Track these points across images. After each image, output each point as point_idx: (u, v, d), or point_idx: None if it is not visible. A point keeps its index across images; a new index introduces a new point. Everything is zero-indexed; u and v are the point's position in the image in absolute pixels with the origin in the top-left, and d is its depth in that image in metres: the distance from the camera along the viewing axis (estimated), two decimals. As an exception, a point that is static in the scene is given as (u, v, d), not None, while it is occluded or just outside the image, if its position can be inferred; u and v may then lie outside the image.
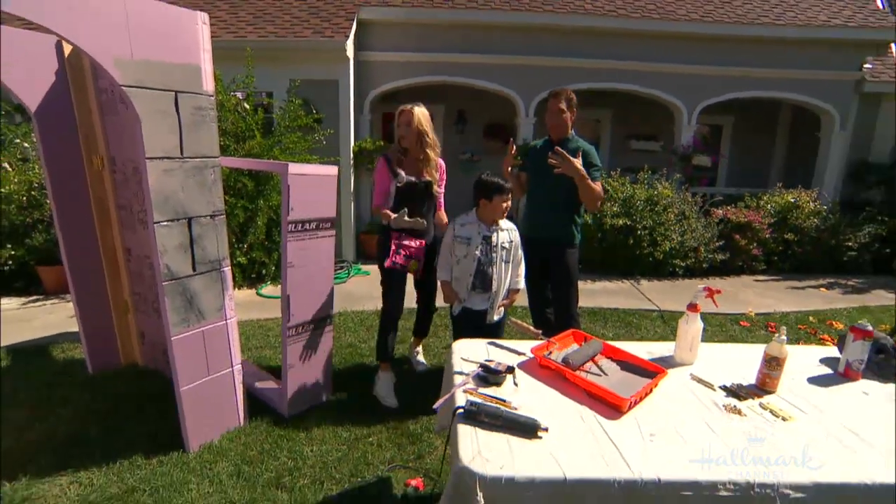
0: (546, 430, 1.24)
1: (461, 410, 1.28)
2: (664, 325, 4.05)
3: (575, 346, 1.75)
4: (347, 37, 5.32)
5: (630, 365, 1.66)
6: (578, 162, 2.45)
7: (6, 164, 4.55)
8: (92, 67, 2.59)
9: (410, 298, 2.87)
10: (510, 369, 1.51)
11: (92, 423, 2.38)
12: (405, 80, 6.18)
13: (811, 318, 4.29)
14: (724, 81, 6.45)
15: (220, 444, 2.23)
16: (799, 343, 3.39)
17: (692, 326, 1.73)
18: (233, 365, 2.30)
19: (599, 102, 7.55)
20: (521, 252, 2.47)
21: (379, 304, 4.05)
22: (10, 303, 4.25)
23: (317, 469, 2.08)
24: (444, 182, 2.74)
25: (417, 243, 2.55)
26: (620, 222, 5.30)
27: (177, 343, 2.05)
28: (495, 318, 2.43)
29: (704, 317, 4.07)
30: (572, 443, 1.22)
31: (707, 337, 1.63)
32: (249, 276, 4.74)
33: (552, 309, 2.83)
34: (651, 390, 1.50)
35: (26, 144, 4.80)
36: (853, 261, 5.89)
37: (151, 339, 2.98)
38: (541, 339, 1.76)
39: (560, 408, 1.40)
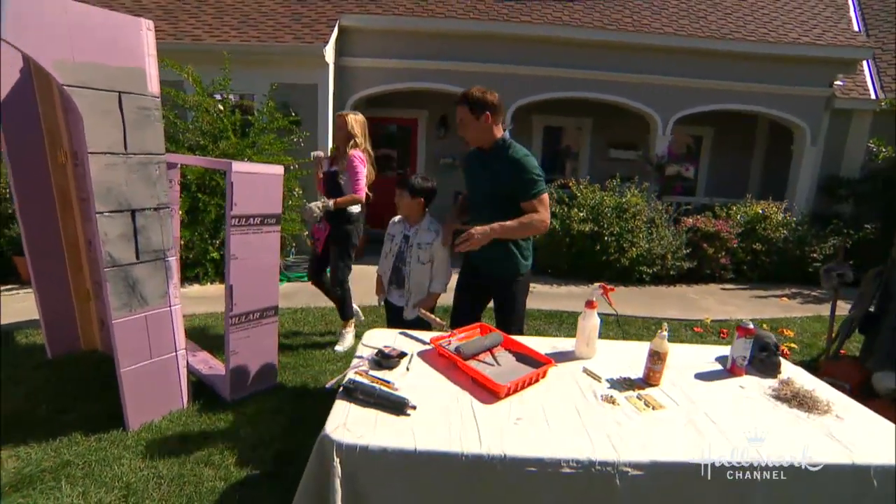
0: (414, 407, 1.36)
1: (341, 388, 1.41)
2: (618, 328, 4.16)
3: (477, 338, 1.87)
4: (327, 43, 5.48)
5: (524, 356, 1.77)
6: (484, 234, 2.03)
7: None
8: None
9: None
10: (402, 354, 1.63)
11: (41, 402, 2.50)
12: (386, 86, 6.35)
13: (764, 326, 4.40)
14: (699, 94, 6.60)
15: (160, 424, 2.34)
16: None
17: (589, 322, 1.85)
18: (176, 349, 2.42)
19: (581, 111, 7.72)
20: (444, 255, 2.43)
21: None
22: (-15, 291, 4.39)
23: (247, 450, 2.20)
24: (360, 173, 3.09)
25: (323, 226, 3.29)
26: (587, 228, 5.43)
27: (118, 326, 2.18)
28: (409, 315, 2.43)
29: (659, 322, 4.21)
30: (437, 421, 1.34)
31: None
32: (221, 271, 4.87)
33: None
34: (535, 379, 1.62)
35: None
36: (818, 272, 6.00)
37: (109, 325, 3.10)
38: (445, 330, 1.88)
39: (441, 391, 1.52)
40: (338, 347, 3.37)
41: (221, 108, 4.78)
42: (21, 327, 3.50)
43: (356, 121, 3.12)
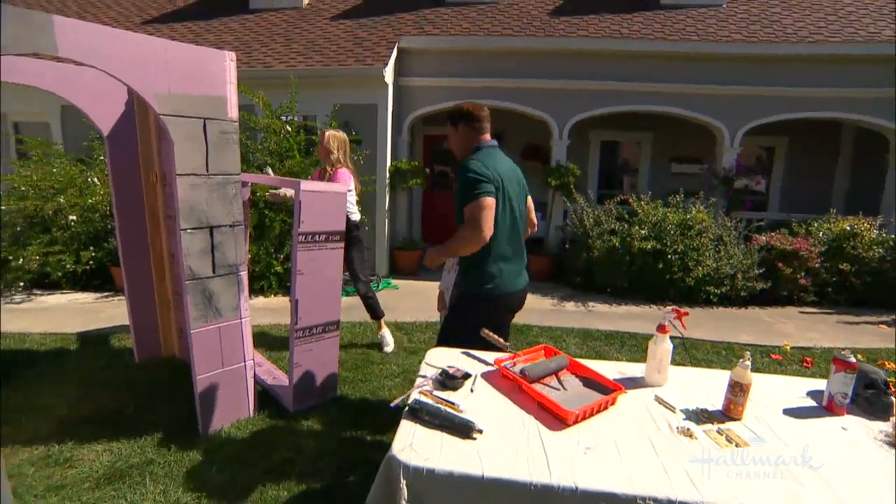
0: (481, 431, 1.33)
1: (406, 408, 1.41)
2: (685, 352, 3.92)
3: (541, 360, 1.81)
4: (386, 64, 5.68)
5: (591, 382, 1.70)
6: (434, 251, 2.05)
7: (95, 179, 5.24)
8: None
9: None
10: (467, 375, 1.61)
11: (130, 403, 2.71)
12: (443, 104, 6.46)
13: (859, 357, 3.96)
14: (771, 102, 6.19)
15: (229, 430, 2.46)
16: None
17: (660, 347, 1.74)
18: (245, 360, 2.55)
19: (640, 125, 7.47)
20: None
21: (398, 317, 4.28)
22: (87, 297, 4.87)
23: (309, 462, 2.25)
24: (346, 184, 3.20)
25: None
26: (649, 246, 5.19)
27: (196, 336, 2.32)
28: None
29: (730, 347, 3.93)
30: (503, 446, 1.31)
31: (732, 368, 1.60)
32: (285, 284, 5.10)
33: None
34: (604, 406, 1.54)
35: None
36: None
37: (187, 335, 3.32)
38: (508, 351, 1.84)
39: (507, 415, 1.48)
40: (386, 349, 3.64)
41: (289, 129, 5.07)
42: (115, 332, 3.83)
43: (332, 137, 3.35)
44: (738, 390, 1.54)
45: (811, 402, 1.69)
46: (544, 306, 5.16)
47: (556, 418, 1.46)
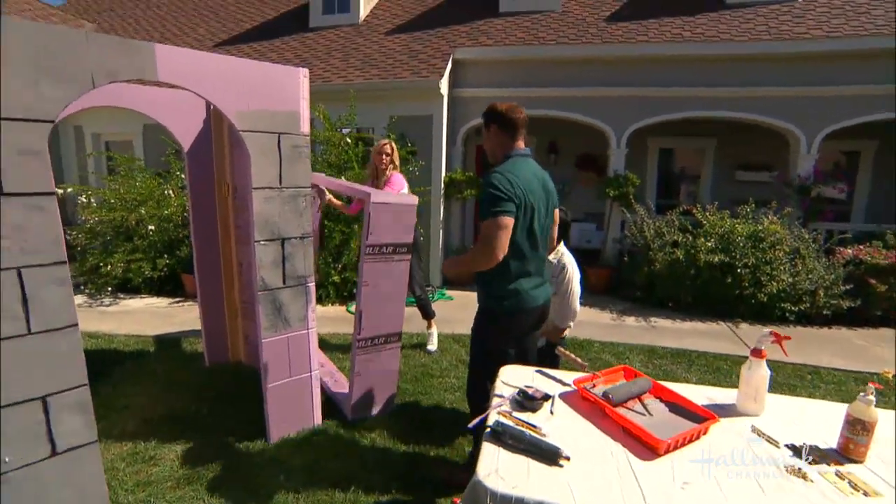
0: (568, 458, 1.26)
1: (488, 430, 1.36)
2: (764, 375, 3.62)
3: (622, 382, 1.71)
4: (442, 76, 5.74)
5: (679, 408, 1.58)
6: (451, 262, 2.04)
7: (170, 191, 5.62)
8: (226, 114, 3.18)
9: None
10: (547, 397, 1.54)
11: (203, 405, 2.83)
12: (496, 114, 6.43)
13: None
14: (856, 102, 5.68)
15: (295, 438, 2.51)
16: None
17: (756, 373, 1.60)
18: (311, 370, 2.59)
19: (702, 131, 7.10)
20: (575, 288, 2.46)
21: (455, 329, 4.24)
22: (161, 301, 5.20)
23: (375, 474, 2.24)
24: (402, 188, 3.46)
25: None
26: (717, 259, 4.88)
27: (266, 345, 2.39)
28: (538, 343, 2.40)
29: (816, 371, 3.60)
30: (593, 476, 1.23)
31: (819, 395, 1.46)
32: (342, 293, 5.21)
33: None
34: (697, 436, 1.43)
35: (184, 175, 5.87)
36: None
37: (253, 341, 3.44)
38: (587, 371, 1.75)
39: (591, 441, 1.39)
40: (430, 347, 3.80)
41: (348, 140, 5.21)
42: (187, 336, 4.05)
43: (392, 144, 3.59)
44: (859, 428, 1.36)
45: (942, 443, 1.48)
46: (603, 320, 4.96)
47: (644, 446, 1.37)
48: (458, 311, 4.92)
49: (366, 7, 8.24)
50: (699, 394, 1.72)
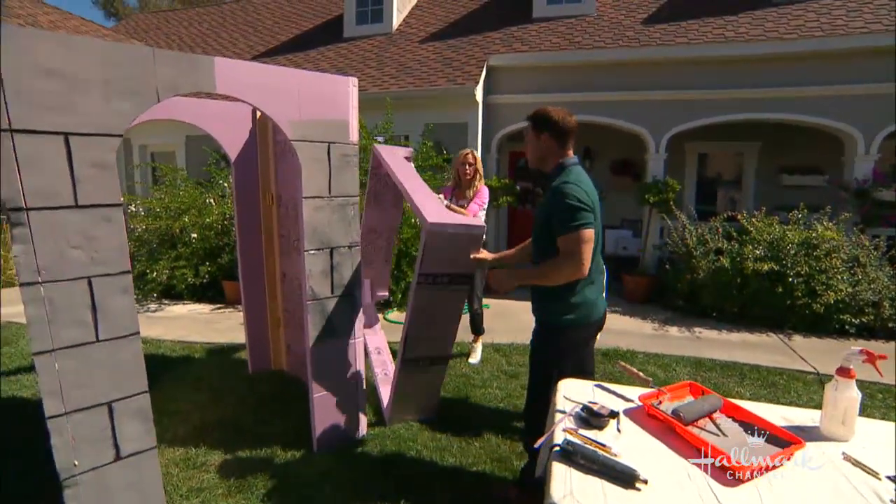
0: (646, 482, 1.19)
1: (558, 448, 1.30)
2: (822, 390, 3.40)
3: (689, 399, 1.63)
4: (477, 83, 5.74)
5: (756, 429, 1.48)
6: (510, 276, 1.93)
7: (211, 200, 5.79)
8: (272, 122, 3.24)
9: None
10: (614, 414, 1.47)
11: (247, 413, 2.87)
12: (530, 120, 6.38)
13: None
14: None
15: (340, 449, 2.49)
16: None
17: (844, 395, 1.48)
18: (358, 379, 2.58)
19: (744, 135, 6.85)
20: None
21: (495, 339, 4.18)
22: (203, 308, 5.34)
23: (423, 488, 2.20)
24: (486, 202, 3.59)
25: None
26: (766, 267, 4.66)
27: (314, 355, 2.39)
28: None
29: (889, 389, 3.36)
30: (673, 501, 1.16)
31: (890, 414, 1.35)
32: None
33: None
34: (781, 462, 1.33)
35: (226, 185, 6.05)
36: None
37: (295, 351, 3.47)
38: (650, 386, 1.67)
39: (666, 462, 1.32)
40: (472, 360, 3.77)
41: (385, 150, 5.25)
42: (229, 343, 4.13)
43: (477, 156, 3.61)
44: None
45: None
46: (645, 330, 4.80)
47: (724, 470, 1.28)
48: (496, 320, 4.85)
49: (398, 17, 8.35)
50: (773, 413, 1.61)
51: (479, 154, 3.61)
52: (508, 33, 7.00)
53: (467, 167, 3.52)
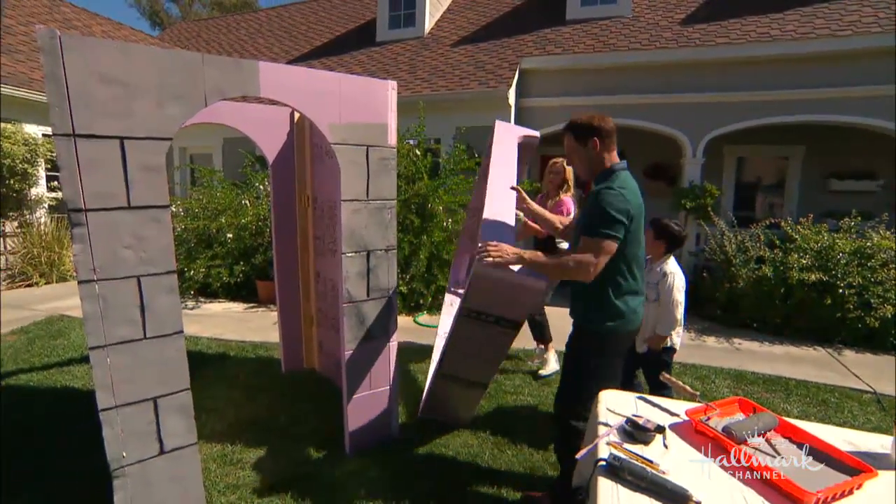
0: (699, 503, 1.13)
1: (603, 463, 1.25)
2: (882, 413, 3.21)
3: (740, 416, 1.55)
4: (509, 86, 5.69)
5: (817, 452, 1.39)
6: (522, 257, 1.84)
7: (246, 201, 5.95)
8: (309, 126, 3.29)
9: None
10: (660, 428, 1.41)
11: (281, 412, 2.91)
12: (563, 124, 6.28)
13: None
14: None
15: (373, 452, 2.49)
16: None
17: (914, 418, 1.38)
18: (391, 382, 2.58)
19: (788, 138, 6.56)
20: (676, 297, 2.46)
21: (524, 344, 4.11)
22: (237, 306, 5.48)
23: (456, 494, 2.18)
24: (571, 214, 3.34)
25: None
26: (813, 277, 4.43)
27: (349, 357, 2.40)
28: (639, 349, 2.60)
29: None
30: (731, 526, 1.09)
31: None
32: (409, 304, 5.23)
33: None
34: (850, 491, 1.24)
35: (261, 186, 6.20)
36: None
37: (327, 350, 3.51)
38: (698, 401, 1.60)
39: (717, 483, 1.25)
40: (542, 372, 3.50)
41: (417, 152, 5.28)
42: (263, 342, 4.21)
43: (568, 168, 3.39)
44: None
45: None
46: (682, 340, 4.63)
47: (782, 495, 1.20)
48: (527, 324, 4.78)
49: (431, 20, 8.39)
50: (835, 436, 1.51)
51: (565, 164, 3.31)
52: (541, 36, 6.93)
53: (552, 176, 3.39)
